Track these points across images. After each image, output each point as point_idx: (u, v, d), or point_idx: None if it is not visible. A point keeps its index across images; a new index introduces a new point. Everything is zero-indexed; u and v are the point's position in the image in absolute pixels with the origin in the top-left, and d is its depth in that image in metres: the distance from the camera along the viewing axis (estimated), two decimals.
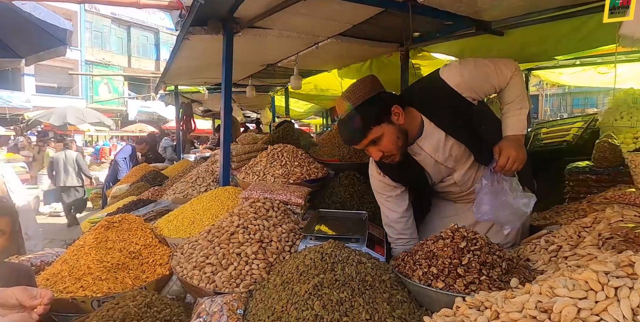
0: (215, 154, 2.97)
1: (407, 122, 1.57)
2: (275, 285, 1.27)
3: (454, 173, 1.71)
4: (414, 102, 1.62)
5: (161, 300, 1.41)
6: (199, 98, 6.47)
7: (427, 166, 1.70)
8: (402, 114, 1.55)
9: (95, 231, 1.82)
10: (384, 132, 1.52)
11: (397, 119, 1.54)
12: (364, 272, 1.21)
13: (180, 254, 1.67)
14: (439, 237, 1.30)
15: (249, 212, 1.68)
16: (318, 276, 1.19)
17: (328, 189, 2.31)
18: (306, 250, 1.37)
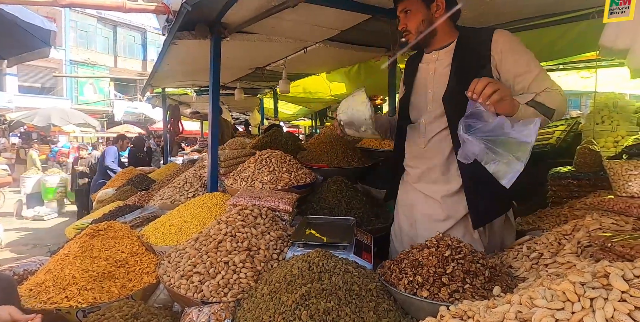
0: (203, 158, 2.95)
1: (441, 24, 1.65)
2: (263, 294, 1.27)
3: (423, 116, 1.74)
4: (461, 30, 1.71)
5: (148, 310, 1.41)
6: (187, 100, 6.42)
7: (416, 87, 1.79)
8: (442, 9, 1.62)
9: (80, 240, 1.80)
10: (415, 8, 1.64)
11: (435, 9, 1.63)
12: (350, 281, 1.22)
13: (168, 262, 1.66)
14: (424, 246, 1.32)
15: (236, 220, 1.68)
16: (305, 286, 1.20)
17: (316, 195, 2.32)
18: (293, 259, 1.38)
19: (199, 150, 6.78)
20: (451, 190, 1.71)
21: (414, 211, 1.82)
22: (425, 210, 1.78)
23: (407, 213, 1.86)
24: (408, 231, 1.86)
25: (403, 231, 1.89)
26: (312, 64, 4.07)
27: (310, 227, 1.85)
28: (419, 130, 1.78)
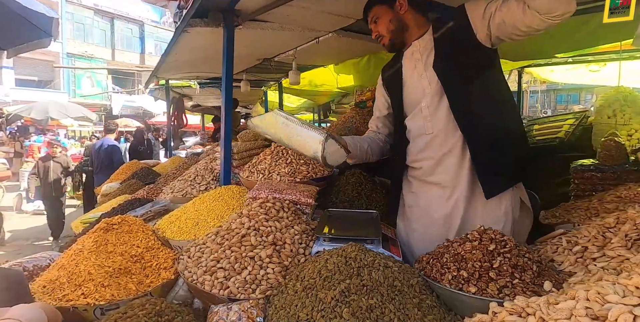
0: (215, 151, 2.87)
1: (410, 19, 1.71)
2: (296, 291, 1.20)
3: (423, 100, 1.68)
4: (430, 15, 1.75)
5: (171, 307, 1.33)
6: (190, 93, 6.32)
7: (406, 81, 1.75)
8: (405, 6, 1.68)
9: (94, 234, 1.72)
10: (381, 13, 1.72)
11: (400, 8, 1.68)
12: (391, 276, 1.15)
13: (187, 257, 1.59)
14: (466, 240, 1.25)
15: (259, 213, 1.61)
16: (344, 282, 1.12)
17: (335, 188, 2.25)
18: (326, 253, 1.31)
19: (202, 143, 6.69)
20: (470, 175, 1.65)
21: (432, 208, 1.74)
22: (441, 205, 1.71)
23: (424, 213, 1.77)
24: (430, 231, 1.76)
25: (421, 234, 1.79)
26: (322, 55, 3.97)
27: (332, 221, 1.78)
28: (421, 117, 1.70)
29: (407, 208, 1.85)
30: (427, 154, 1.71)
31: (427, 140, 1.70)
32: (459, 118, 1.62)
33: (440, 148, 1.67)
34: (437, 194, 1.71)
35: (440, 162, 1.68)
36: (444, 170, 1.68)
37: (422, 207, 1.76)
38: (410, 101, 1.76)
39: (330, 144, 1.55)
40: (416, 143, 1.75)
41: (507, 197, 1.66)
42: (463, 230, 1.64)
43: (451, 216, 1.66)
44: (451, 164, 1.67)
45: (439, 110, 1.65)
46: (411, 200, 1.83)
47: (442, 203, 1.68)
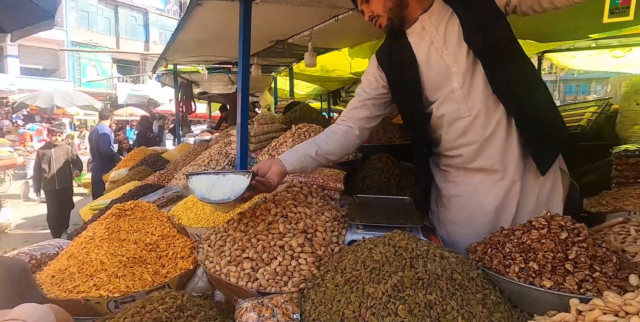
0: (230, 134, 2.71)
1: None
2: (336, 284, 1.05)
3: (453, 80, 1.46)
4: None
5: (193, 301, 1.19)
6: (197, 79, 6.14)
7: (422, 61, 1.52)
8: None
9: (106, 220, 1.58)
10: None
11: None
12: (449, 268, 1.00)
13: (208, 246, 1.45)
14: (530, 227, 1.10)
15: (286, 198, 1.46)
16: (396, 274, 0.97)
17: (360, 173, 2.09)
18: (367, 242, 1.16)
19: (210, 131, 6.54)
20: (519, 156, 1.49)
21: (477, 197, 1.58)
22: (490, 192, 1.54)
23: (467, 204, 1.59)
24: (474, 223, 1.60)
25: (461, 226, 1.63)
26: (338, 36, 3.77)
27: (364, 207, 1.63)
28: (453, 100, 1.49)
29: (445, 199, 1.68)
30: (467, 140, 1.53)
31: (465, 125, 1.51)
32: (501, 93, 1.44)
33: (483, 130, 1.49)
34: (484, 180, 1.54)
35: (485, 146, 1.51)
36: (490, 154, 1.51)
37: (466, 196, 1.59)
38: (434, 84, 1.54)
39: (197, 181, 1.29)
40: (452, 129, 1.55)
41: (555, 170, 1.54)
42: (519, 216, 1.49)
43: (505, 202, 1.50)
44: (497, 145, 1.50)
45: (474, 89, 1.46)
46: (450, 189, 1.66)
47: (492, 189, 1.52)
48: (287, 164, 1.46)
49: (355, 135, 1.62)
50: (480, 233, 1.56)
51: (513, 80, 1.45)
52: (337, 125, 1.65)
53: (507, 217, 1.53)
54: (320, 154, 1.53)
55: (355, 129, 1.61)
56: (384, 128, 2.48)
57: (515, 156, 1.50)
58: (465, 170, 1.59)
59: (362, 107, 1.64)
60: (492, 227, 1.54)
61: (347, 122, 1.63)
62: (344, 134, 1.61)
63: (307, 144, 1.57)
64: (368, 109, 1.64)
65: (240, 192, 1.22)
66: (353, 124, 1.62)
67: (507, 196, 1.51)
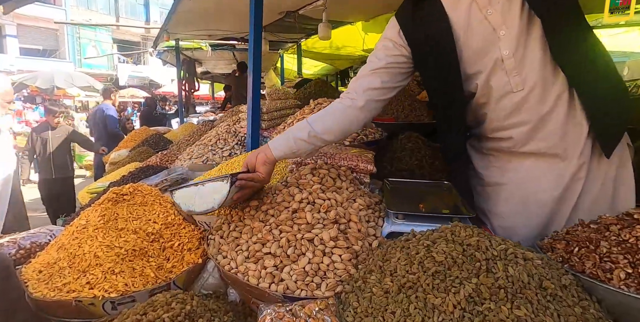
0: (239, 111, 2.47)
1: None
2: (386, 291, 0.84)
3: (499, 42, 1.19)
4: None
5: (204, 305, 0.99)
6: (200, 56, 5.85)
7: (459, 23, 1.23)
8: None
9: (101, 207, 1.37)
10: None
11: None
12: (536, 273, 0.77)
13: (220, 237, 1.23)
14: (632, 221, 0.86)
15: (312, 182, 1.23)
16: (469, 281, 0.75)
17: (388, 154, 1.85)
18: (420, 237, 0.93)
19: (214, 111, 6.28)
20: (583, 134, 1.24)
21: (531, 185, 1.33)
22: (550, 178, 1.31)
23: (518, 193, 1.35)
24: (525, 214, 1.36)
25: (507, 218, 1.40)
26: (353, 6, 3.48)
27: (399, 193, 1.40)
28: (502, 71, 1.23)
29: (488, 188, 1.45)
30: (519, 118, 1.27)
31: (516, 101, 1.24)
32: (563, 60, 1.18)
33: (539, 107, 1.23)
34: (538, 164, 1.30)
35: (541, 125, 1.25)
36: (547, 134, 1.25)
37: (516, 184, 1.34)
38: (475, 53, 1.26)
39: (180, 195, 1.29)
40: (499, 107, 1.28)
41: (621, 147, 1.29)
42: (580, 206, 1.26)
43: (567, 190, 1.27)
44: (556, 125, 1.24)
45: (529, 57, 1.19)
46: (495, 177, 1.41)
47: (550, 175, 1.28)
48: (275, 150, 1.25)
49: (359, 108, 1.31)
50: (532, 228, 1.34)
51: (576, 45, 1.18)
52: (337, 100, 1.37)
53: (566, 208, 1.30)
54: (314, 135, 1.27)
55: (358, 101, 1.31)
56: (410, 105, 2.23)
57: (578, 136, 1.25)
58: (514, 155, 1.35)
59: (373, 75, 1.34)
60: (548, 219, 1.31)
61: (351, 94, 1.34)
62: (344, 109, 1.33)
63: (299, 125, 1.32)
64: (380, 77, 1.33)
65: (222, 200, 1.12)
66: (358, 96, 1.32)
67: (571, 182, 1.27)
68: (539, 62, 1.19)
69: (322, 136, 1.28)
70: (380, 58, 1.33)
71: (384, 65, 1.32)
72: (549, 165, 1.29)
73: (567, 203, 1.28)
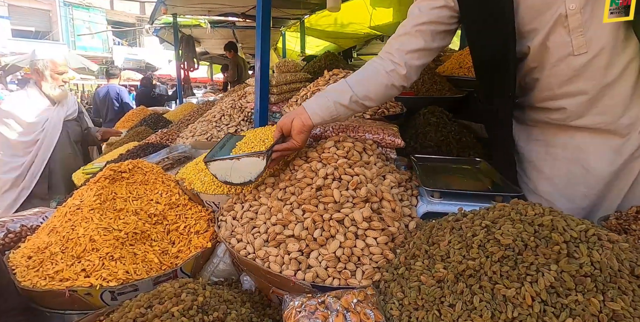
0: (246, 84, 2.30)
1: None
2: (439, 279, 0.70)
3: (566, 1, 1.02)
4: None
5: (219, 296, 0.85)
6: (199, 34, 5.60)
7: None
8: None
9: (97, 185, 1.22)
10: None
11: None
12: (626, 259, 0.64)
13: (232, 219, 1.09)
14: None
15: (337, 156, 1.08)
16: (548, 268, 0.61)
17: (410, 130, 1.70)
18: (474, 216, 0.79)
19: (213, 92, 6.07)
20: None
21: (580, 163, 1.18)
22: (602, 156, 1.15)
23: (563, 171, 1.20)
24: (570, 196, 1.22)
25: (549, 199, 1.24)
26: None
27: (430, 170, 1.26)
28: (563, 30, 1.05)
29: (527, 164, 1.30)
30: (577, 87, 1.10)
31: (577, 66, 1.07)
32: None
33: (603, 75, 1.06)
34: (592, 141, 1.14)
35: (601, 96, 1.08)
36: (607, 108, 1.09)
37: (563, 160, 1.19)
38: (534, 7, 1.08)
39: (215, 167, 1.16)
40: (555, 72, 1.12)
41: None
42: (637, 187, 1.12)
43: (623, 169, 1.12)
44: (619, 97, 1.07)
45: (599, 15, 1.01)
46: (537, 152, 1.26)
47: (605, 151, 1.13)
48: (314, 116, 1.12)
49: (401, 75, 1.19)
50: (575, 211, 1.19)
51: None
52: (378, 60, 1.22)
53: (618, 192, 1.15)
54: (356, 100, 1.15)
55: (401, 67, 1.18)
56: (430, 78, 2.06)
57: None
58: (563, 128, 1.19)
59: (417, 33, 1.17)
60: (597, 199, 1.17)
61: (393, 56, 1.19)
62: (388, 73, 1.18)
63: (339, 86, 1.18)
64: (423, 37, 1.18)
65: (259, 173, 1.09)
66: (400, 59, 1.18)
67: (628, 161, 1.12)
68: (609, 22, 1.01)
69: (364, 102, 1.17)
70: (424, 12, 1.17)
71: (429, 20, 1.16)
72: (604, 141, 1.13)
73: (620, 185, 1.14)
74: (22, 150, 2.62)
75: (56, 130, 2.69)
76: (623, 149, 1.11)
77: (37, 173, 2.60)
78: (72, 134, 2.82)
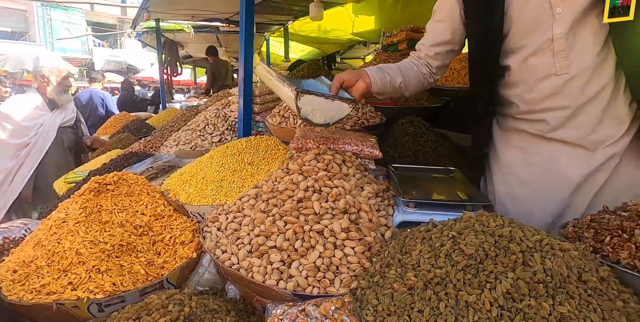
0: (229, 93, 2.33)
1: None
2: (410, 287, 0.76)
3: (553, 21, 1.12)
4: None
5: (205, 305, 0.90)
6: (182, 39, 5.58)
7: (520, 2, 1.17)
8: None
9: (82, 198, 1.24)
10: None
11: None
12: (575, 266, 0.71)
13: (217, 230, 1.13)
14: None
15: (317, 169, 1.13)
16: (505, 276, 0.68)
17: (389, 140, 1.77)
18: (443, 227, 0.85)
19: (197, 96, 6.05)
20: (619, 129, 1.17)
21: (552, 171, 1.27)
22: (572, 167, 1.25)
23: (536, 177, 1.30)
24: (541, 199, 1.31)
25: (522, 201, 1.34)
26: None
27: (406, 179, 1.32)
28: (549, 51, 1.16)
29: (506, 168, 1.38)
30: (557, 103, 1.20)
31: (557, 85, 1.18)
32: (620, 48, 1.09)
33: (580, 94, 1.16)
34: (564, 151, 1.24)
35: (578, 112, 1.18)
36: (580, 124, 1.19)
37: (538, 166, 1.29)
38: (525, 27, 1.19)
39: (306, 101, 1.18)
40: (538, 88, 1.22)
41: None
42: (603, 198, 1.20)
43: (590, 180, 1.21)
44: (591, 115, 1.17)
45: (581, 40, 1.12)
46: (515, 158, 1.35)
47: (573, 162, 1.22)
48: (374, 84, 1.28)
49: (431, 74, 1.43)
50: (547, 213, 1.28)
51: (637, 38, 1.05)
52: (414, 58, 1.44)
53: (585, 197, 1.24)
54: (403, 85, 1.36)
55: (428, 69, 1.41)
56: None
57: (614, 130, 1.18)
58: (541, 139, 1.28)
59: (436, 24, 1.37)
60: (564, 206, 1.26)
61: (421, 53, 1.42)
62: (423, 74, 1.41)
63: (394, 70, 1.36)
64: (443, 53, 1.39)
65: (339, 120, 1.24)
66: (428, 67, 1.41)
67: (595, 171, 1.21)
68: (591, 48, 1.11)
69: (404, 90, 1.37)
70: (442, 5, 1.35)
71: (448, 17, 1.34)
72: (574, 152, 1.23)
73: (587, 192, 1.23)
74: (12, 153, 2.60)
75: (49, 136, 2.69)
76: (591, 160, 1.20)
77: (25, 177, 2.58)
78: (67, 141, 2.82)
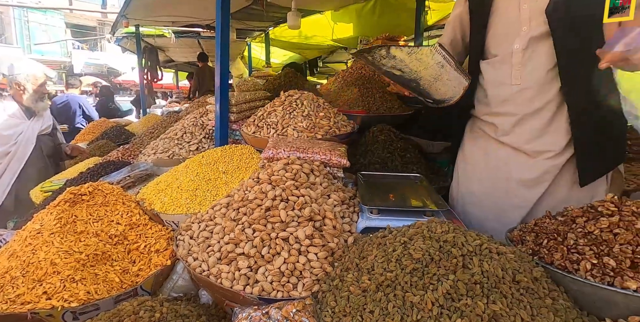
0: (206, 102, 2.37)
1: None
2: (364, 289, 0.83)
3: (515, 41, 1.28)
4: None
5: (175, 311, 0.94)
6: (163, 44, 5.58)
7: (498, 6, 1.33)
8: None
9: (57, 209, 1.27)
10: None
11: None
12: (510, 267, 0.79)
13: (189, 238, 1.18)
14: (596, 214, 0.90)
15: (285, 178, 1.20)
16: (446, 278, 0.75)
17: (361, 147, 1.85)
18: (398, 233, 0.93)
19: (178, 101, 6.04)
20: (558, 144, 1.28)
21: (503, 172, 1.39)
22: (519, 170, 1.36)
23: (491, 175, 1.43)
24: (492, 197, 1.43)
25: (478, 197, 1.47)
26: None
27: (373, 187, 1.40)
28: (509, 62, 1.30)
29: (468, 165, 1.51)
30: (507, 109, 1.34)
31: (509, 93, 1.32)
32: (564, 73, 1.22)
33: (528, 105, 1.29)
34: (513, 155, 1.36)
35: (524, 121, 1.31)
36: (524, 132, 1.32)
37: (491, 167, 1.43)
38: (497, 37, 1.34)
39: None
40: (495, 93, 1.37)
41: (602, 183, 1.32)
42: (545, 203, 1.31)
43: (536, 186, 1.32)
44: (534, 127, 1.30)
45: (536, 58, 1.26)
46: (476, 156, 1.49)
47: (520, 167, 1.35)
48: None
49: None
50: (500, 209, 1.40)
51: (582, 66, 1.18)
52: None
53: (528, 201, 1.35)
54: None
55: None
56: (381, 97, 2.22)
57: (555, 144, 1.29)
58: (496, 141, 1.42)
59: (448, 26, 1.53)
60: (514, 205, 1.37)
61: None
62: None
63: None
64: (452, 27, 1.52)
65: (457, 96, 1.35)
66: None
67: (539, 178, 1.32)
68: (542, 67, 1.25)
69: None
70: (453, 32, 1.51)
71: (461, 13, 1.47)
72: (520, 158, 1.35)
73: (528, 197, 1.34)
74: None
75: (29, 143, 2.68)
76: (533, 169, 1.31)
77: (7, 186, 2.56)
78: (45, 149, 2.80)
